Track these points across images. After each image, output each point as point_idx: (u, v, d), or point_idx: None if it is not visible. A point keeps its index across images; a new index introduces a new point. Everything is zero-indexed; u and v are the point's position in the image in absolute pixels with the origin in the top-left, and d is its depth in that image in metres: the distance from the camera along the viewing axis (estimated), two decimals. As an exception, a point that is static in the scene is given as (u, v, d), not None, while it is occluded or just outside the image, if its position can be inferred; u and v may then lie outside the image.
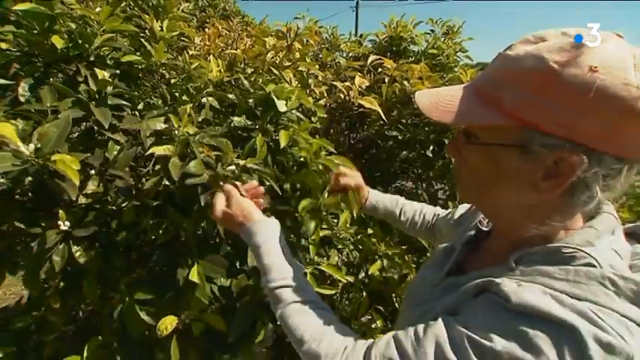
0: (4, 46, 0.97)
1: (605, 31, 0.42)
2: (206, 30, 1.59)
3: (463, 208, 0.82)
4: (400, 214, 0.98)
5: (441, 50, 1.99)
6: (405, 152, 1.64)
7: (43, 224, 0.83)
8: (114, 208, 0.88)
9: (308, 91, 1.23)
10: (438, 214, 0.94)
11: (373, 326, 1.17)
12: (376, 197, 1.01)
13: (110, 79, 0.84)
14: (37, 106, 0.85)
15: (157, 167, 0.81)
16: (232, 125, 0.91)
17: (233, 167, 0.82)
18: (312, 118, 1.25)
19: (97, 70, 0.83)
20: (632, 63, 0.40)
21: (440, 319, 0.46)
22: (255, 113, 0.94)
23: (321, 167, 1.08)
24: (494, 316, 0.42)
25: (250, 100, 0.94)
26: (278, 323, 0.89)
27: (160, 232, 0.91)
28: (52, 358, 1.02)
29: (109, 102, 0.83)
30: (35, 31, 0.92)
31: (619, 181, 0.43)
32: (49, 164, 0.66)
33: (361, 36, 2.48)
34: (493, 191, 0.50)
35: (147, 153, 0.76)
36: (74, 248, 0.83)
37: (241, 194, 0.76)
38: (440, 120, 0.48)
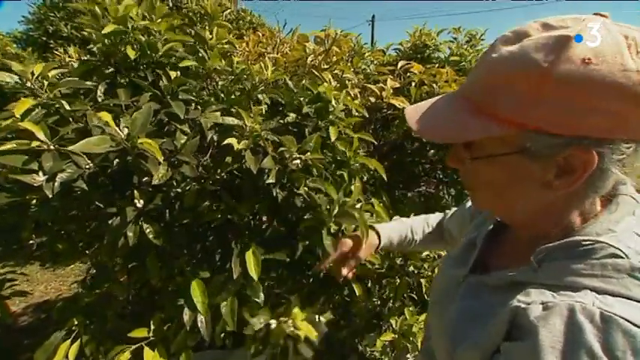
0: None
1: (583, 15, 0.40)
2: (245, 37, 1.73)
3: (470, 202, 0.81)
4: (413, 234, 0.94)
5: (463, 57, 2.07)
6: (432, 151, 1.71)
7: (119, 204, 0.95)
8: (178, 190, 0.99)
9: (345, 91, 1.33)
10: (442, 218, 0.94)
11: (405, 311, 1.23)
12: (386, 237, 0.95)
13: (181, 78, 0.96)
14: (115, 101, 0.99)
15: (228, 158, 0.92)
16: (287, 121, 1.01)
17: (298, 161, 0.92)
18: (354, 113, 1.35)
19: (170, 72, 0.96)
20: (626, 45, 0.37)
21: None
22: (307, 111, 1.04)
23: (358, 165, 1.16)
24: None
25: (302, 99, 1.05)
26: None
27: (218, 215, 1.01)
28: (113, 332, 1.12)
29: (180, 97, 0.95)
30: (109, 43, 1.07)
31: (635, 160, 0.42)
32: (137, 146, 0.78)
33: (387, 47, 2.60)
34: (507, 198, 0.49)
35: (223, 144, 0.88)
36: (145, 226, 0.94)
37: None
38: (435, 139, 0.48)
